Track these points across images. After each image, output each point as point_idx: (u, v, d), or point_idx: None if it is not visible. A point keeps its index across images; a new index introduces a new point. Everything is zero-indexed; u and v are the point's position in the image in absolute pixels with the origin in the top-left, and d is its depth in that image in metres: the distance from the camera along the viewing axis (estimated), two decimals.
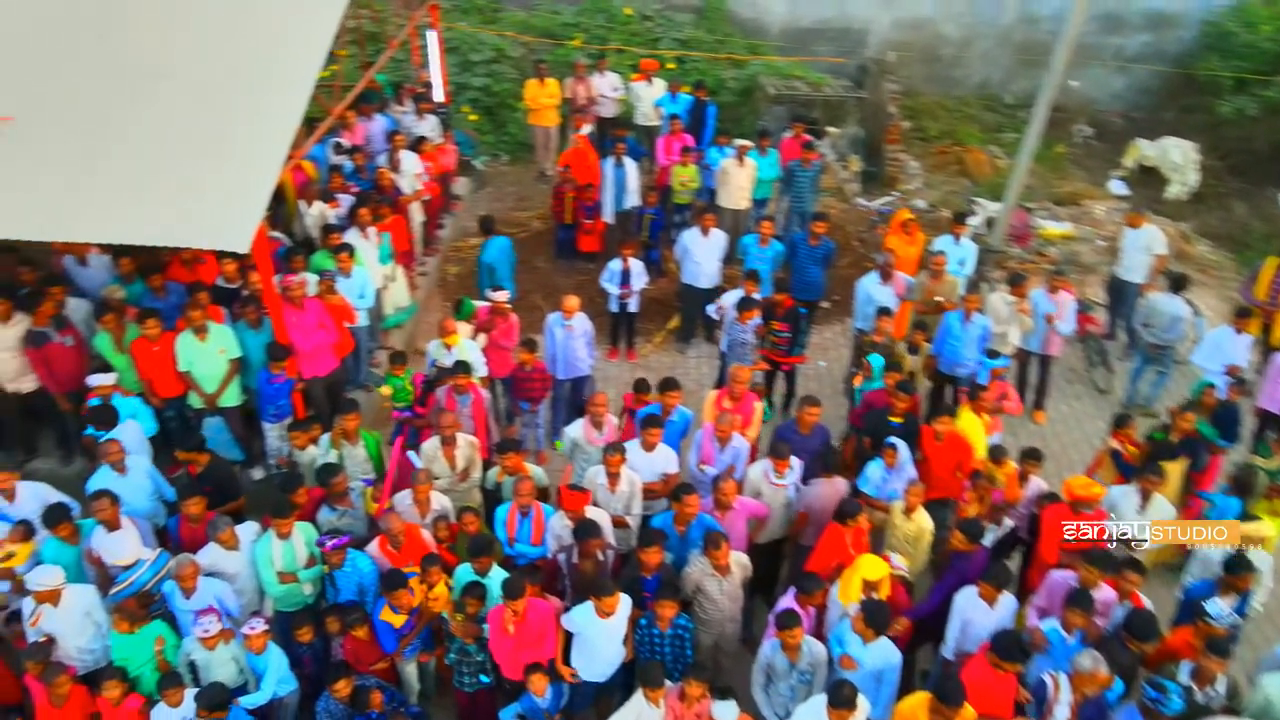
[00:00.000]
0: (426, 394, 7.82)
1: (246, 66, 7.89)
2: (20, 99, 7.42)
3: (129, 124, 7.37)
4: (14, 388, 7.82)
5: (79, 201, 6.90)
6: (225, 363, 7.71)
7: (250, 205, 6.88)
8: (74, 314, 7.92)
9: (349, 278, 8.48)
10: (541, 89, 12.84)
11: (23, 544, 6.37)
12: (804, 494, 7.21)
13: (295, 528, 6.45)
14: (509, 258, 10.16)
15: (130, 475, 6.93)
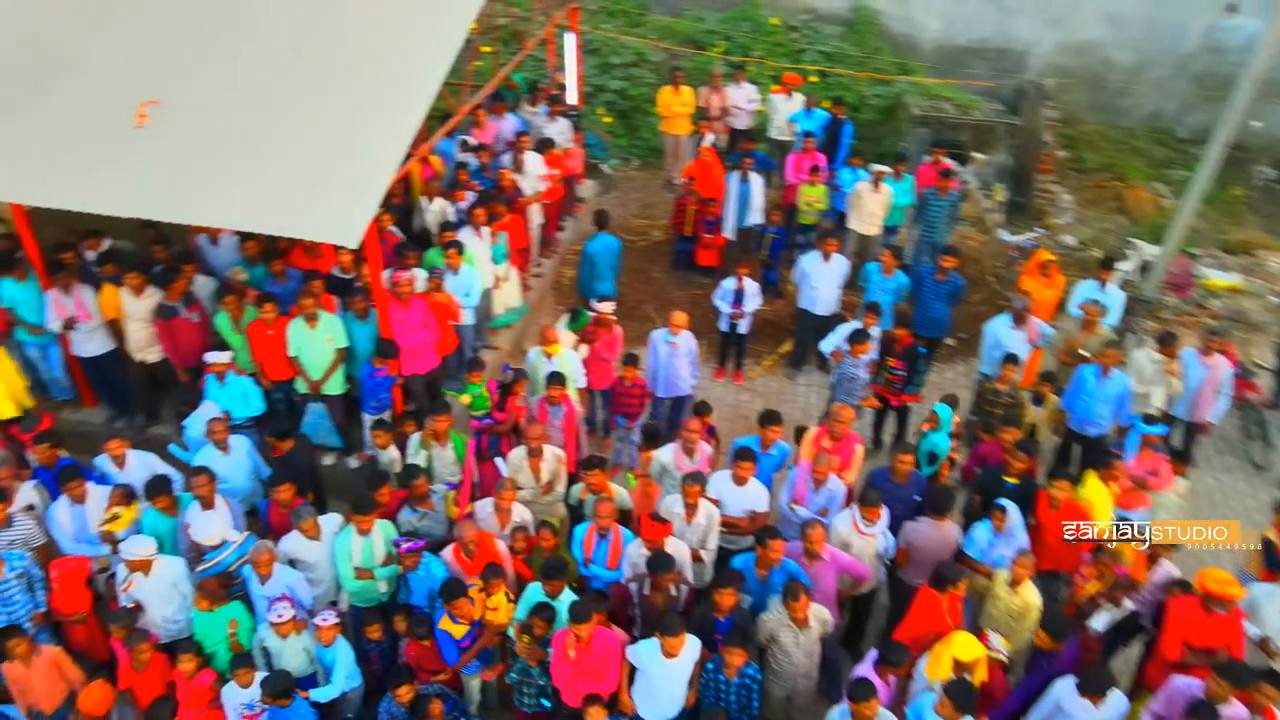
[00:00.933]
0: (503, 400, 7.72)
1: (378, 60, 7.99)
2: (169, 83, 7.75)
3: (263, 112, 7.58)
4: (141, 356, 8.21)
5: (208, 185, 7.14)
6: (332, 351, 7.86)
7: (364, 201, 6.95)
8: (201, 291, 8.26)
9: (457, 275, 8.49)
10: (675, 96, 12.64)
11: (126, 508, 6.64)
12: (908, 531, 6.79)
13: (375, 525, 6.47)
14: (613, 256, 10.06)
15: (232, 454, 7.14)
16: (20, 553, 6.42)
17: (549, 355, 8.16)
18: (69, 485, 6.55)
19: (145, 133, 7.46)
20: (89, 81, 7.84)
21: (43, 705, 6.20)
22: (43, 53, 8.01)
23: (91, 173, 7.27)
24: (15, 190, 7.27)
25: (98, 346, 8.20)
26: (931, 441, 7.89)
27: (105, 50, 8.09)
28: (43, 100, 7.66)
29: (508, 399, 7.71)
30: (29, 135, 7.47)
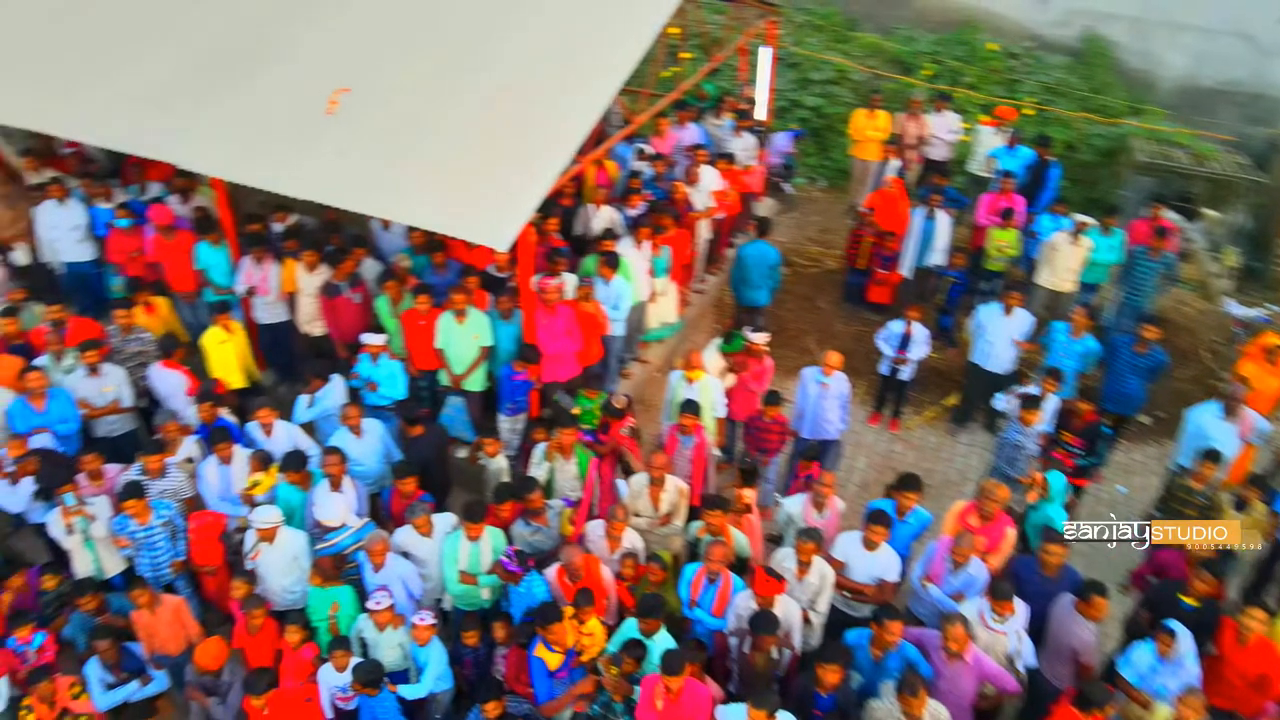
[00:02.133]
0: (606, 425, 7.46)
1: (559, 61, 7.97)
2: (361, 72, 8.06)
3: (439, 107, 7.72)
4: (307, 329, 8.63)
5: (378, 175, 7.34)
6: (476, 348, 7.93)
7: (519, 205, 6.92)
8: (367, 273, 8.56)
9: (607, 285, 8.36)
10: (869, 120, 12.00)
11: (265, 475, 6.94)
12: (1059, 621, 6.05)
13: (486, 532, 6.44)
14: (766, 266, 9.70)
15: (365, 438, 7.32)
16: (168, 503, 6.84)
17: (690, 380, 7.89)
18: (219, 446, 6.93)
19: (334, 120, 7.78)
20: (293, 67, 8.27)
21: (167, 650, 6.58)
22: (257, 37, 8.53)
23: (282, 154, 7.65)
24: (218, 165, 7.76)
25: (274, 315, 8.68)
26: (1044, 514, 7.03)
27: (311, 37, 8.51)
28: (251, 82, 8.15)
29: (611, 424, 7.45)
30: (236, 114, 7.96)
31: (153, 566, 6.83)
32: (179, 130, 7.90)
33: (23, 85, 8.48)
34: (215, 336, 8.07)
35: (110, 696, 6.39)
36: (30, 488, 7.02)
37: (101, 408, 7.71)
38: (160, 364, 7.90)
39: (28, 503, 7.07)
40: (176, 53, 8.50)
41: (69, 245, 9.27)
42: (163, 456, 6.96)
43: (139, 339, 8.02)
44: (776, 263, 9.83)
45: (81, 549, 6.75)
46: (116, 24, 8.87)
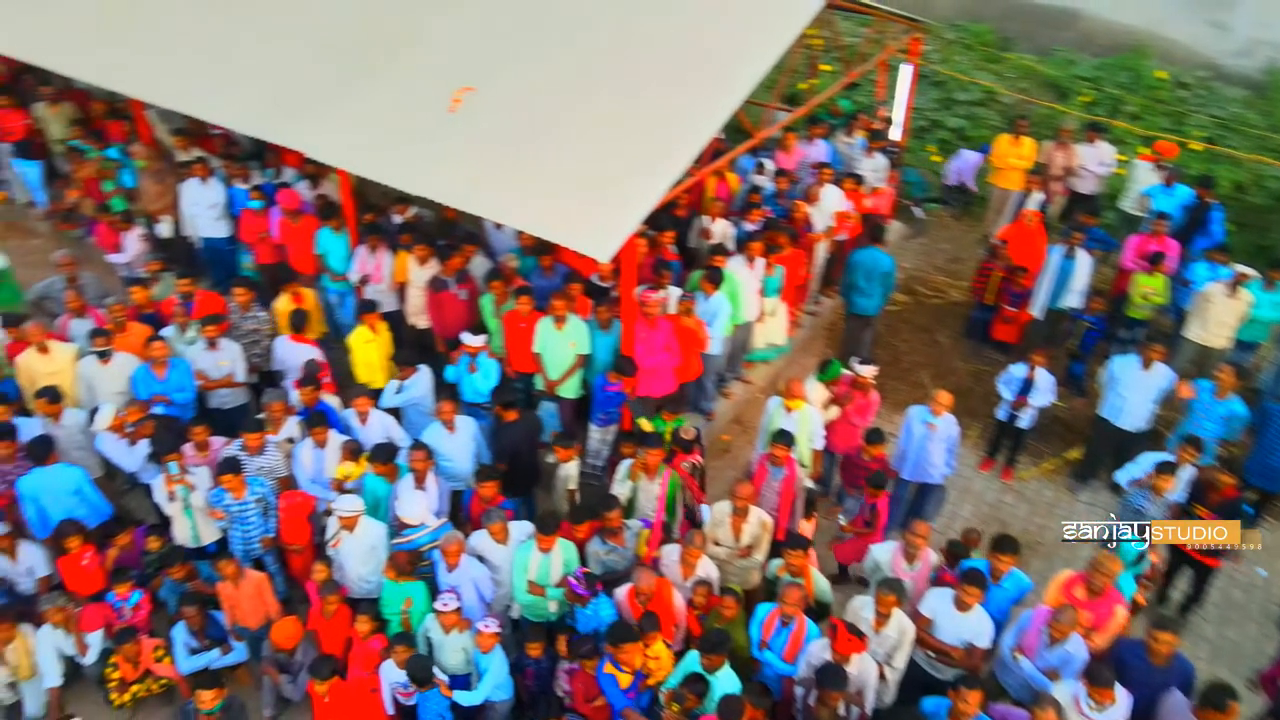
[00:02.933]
0: (670, 455, 7.17)
1: (684, 71, 7.82)
2: (487, 71, 8.13)
3: (557, 112, 7.70)
4: (414, 321, 8.78)
5: (491, 176, 7.39)
6: (573, 355, 7.86)
7: (626, 216, 6.80)
8: (476, 270, 8.63)
9: (707, 301, 8.15)
10: (1013, 147, 11.32)
11: (354, 464, 7.07)
12: None
13: (558, 545, 6.34)
14: (879, 273, 9.30)
15: (458, 435, 7.35)
16: (264, 480, 7.06)
17: (789, 409, 7.57)
18: (315, 430, 7.09)
19: (456, 117, 7.88)
20: (423, 62, 8.44)
21: (248, 623, 6.79)
22: (393, 30, 8.74)
23: (402, 150, 7.81)
24: (340, 156, 7.98)
25: (384, 304, 8.86)
26: None
27: (445, 32, 8.67)
28: (382, 75, 8.36)
29: (677, 455, 7.18)
30: (363, 106, 8.18)
31: (244, 540, 7.07)
32: (309, 119, 8.18)
33: (173, 69, 8.97)
34: (361, 336, 8.12)
35: (192, 661, 6.64)
36: (145, 449, 7.39)
37: (216, 380, 8.06)
38: (289, 337, 8.19)
39: (142, 463, 7.44)
40: (315, 42, 8.82)
41: (207, 222, 9.76)
42: (263, 434, 7.18)
43: (255, 317, 8.33)
44: (889, 270, 9.40)
45: (181, 515, 7.04)
46: (264, 11, 9.27)
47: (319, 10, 9.13)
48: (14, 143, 11.18)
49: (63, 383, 7.81)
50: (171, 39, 9.27)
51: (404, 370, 7.72)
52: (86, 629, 6.66)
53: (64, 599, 6.69)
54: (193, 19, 9.41)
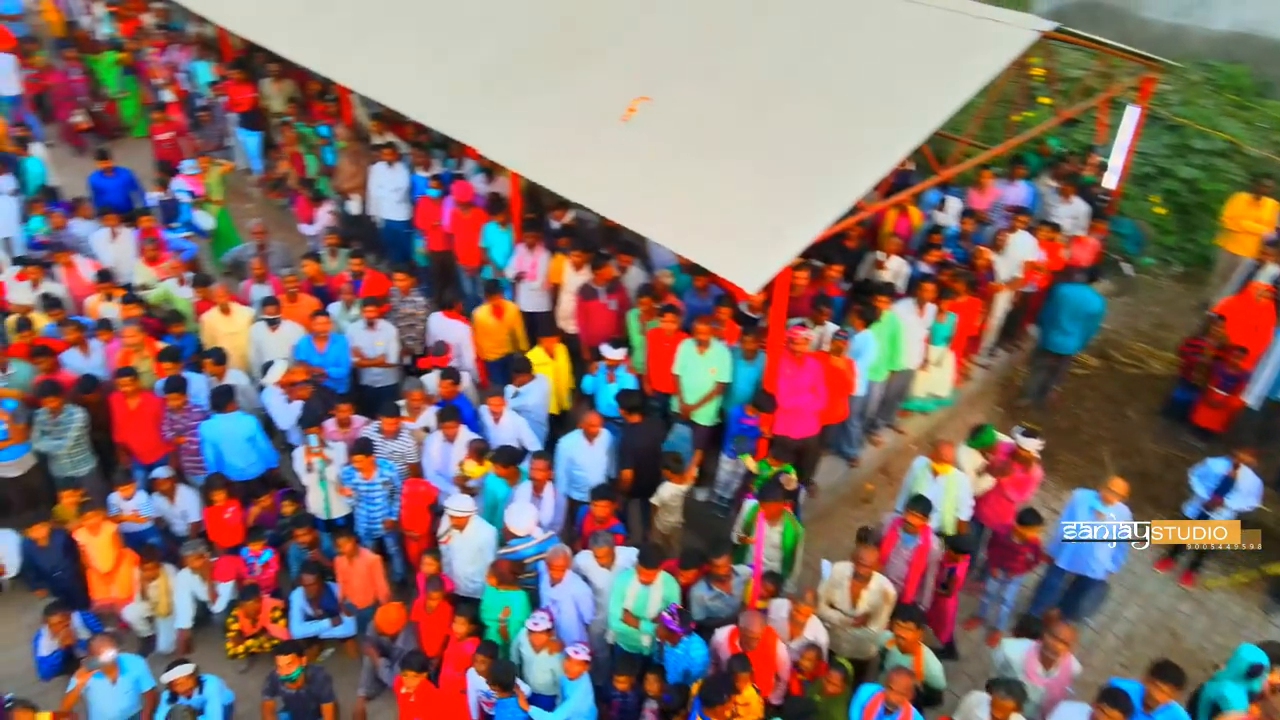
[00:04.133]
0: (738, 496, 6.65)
1: (867, 96, 7.34)
2: (665, 82, 7.96)
3: (730, 130, 7.41)
4: (563, 324, 8.77)
5: (651, 191, 7.21)
6: (712, 382, 7.57)
7: (781, 247, 6.42)
8: (630, 282, 8.50)
9: (852, 337, 7.64)
10: (1252, 208, 9.98)
11: (477, 463, 7.11)
12: None
13: (661, 579, 6.09)
14: (1085, 313, 8.60)
15: (595, 448, 7.21)
16: (393, 464, 7.23)
17: (935, 473, 6.96)
18: (446, 423, 7.19)
19: (627, 127, 7.77)
20: (605, 67, 8.38)
21: (356, 600, 6.98)
22: (584, 35, 8.74)
23: (571, 154, 7.78)
24: (508, 155, 8.06)
25: (534, 304, 8.93)
26: (1217, 691, 5.28)
27: (634, 41, 8.57)
28: (564, 78, 8.37)
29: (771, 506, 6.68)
30: (541, 107, 8.23)
31: (368, 519, 7.27)
32: (487, 116, 8.32)
33: (373, 58, 9.39)
34: (536, 357, 7.99)
35: (305, 628, 6.90)
36: (299, 411, 7.75)
37: (370, 359, 8.36)
38: (442, 312, 8.42)
39: (293, 423, 7.81)
40: (508, 43, 8.97)
41: (390, 204, 10.19)
42: (399, 420, 7.36)
43: (413, 302, 8.58)
44: (1097, 312, 8.60)
45: (316, 487, 7.34)
46: (465, 11, 9.54)
47: (518, 12, 9.27)
48: (241, 113, 12.15)
49: (238, 344, 8.37)
50: (375, 30, 9.72)
51: (520, 376, 7.71)
52: (219, 579, 7.07)
53: (204, 547, 7.12)
54: (396, 13, 9.82)
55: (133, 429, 7.56)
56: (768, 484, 6.62)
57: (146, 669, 6.50)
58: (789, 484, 6.77)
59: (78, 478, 7.62)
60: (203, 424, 7.50)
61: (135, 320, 8.14)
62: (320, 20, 10.20)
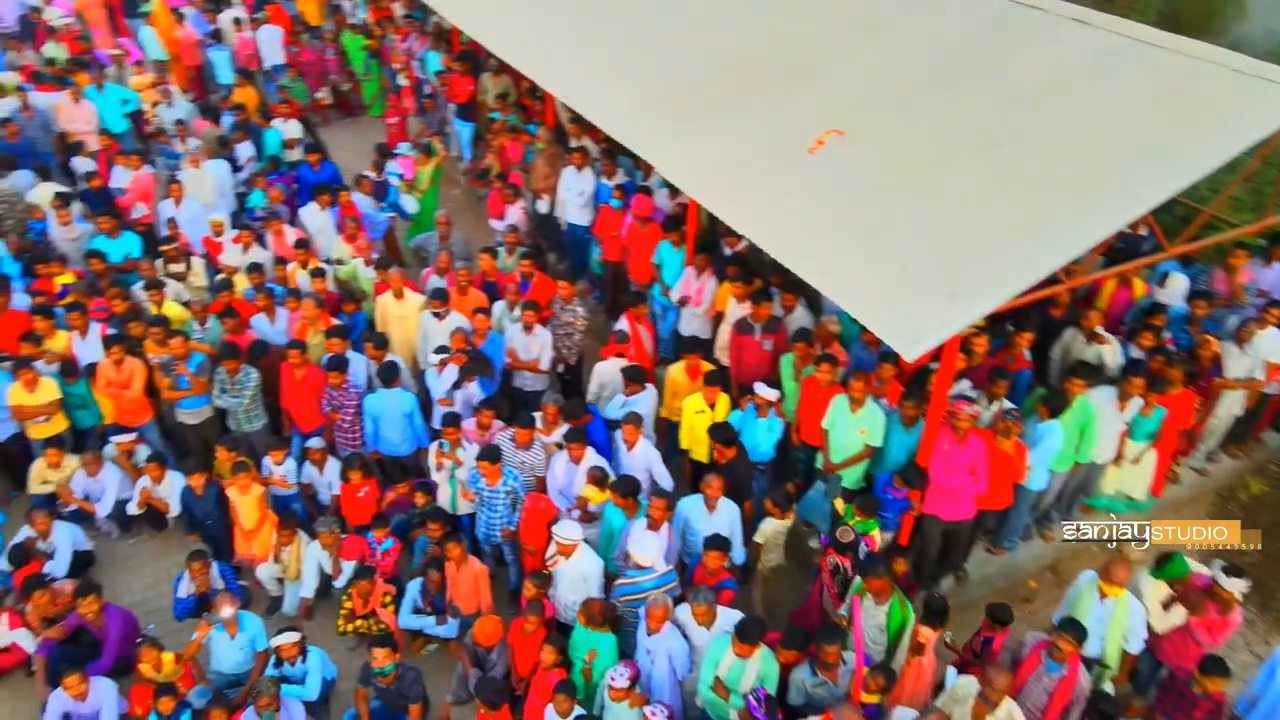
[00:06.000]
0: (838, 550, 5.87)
1: (1091, 154, 6.44)
2: (863, 116, 7.39)
3: (927, 174, 6.74)
4: (718, 355, 8.40)
5: (822, 231, 6.69)
6: (861, 444, 6.95)
7: (954, 310, 5.72)
8: (793, 323, 7.99)
9: (1036, 425, 6.73)
10: None
11: (597, 490, 6.92)
12: None
13: (760, 655, 5.63)
14: None
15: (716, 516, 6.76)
16: (519, 474, 7.18)
17: (1103, 594, 6.01)
18: (573, 445, 7.04)
19: (813, 160, 7.28)
20: (805, 96, 7.89)
21: (461, 605, 6.98)
22: (788, 61, 8.30)
23: (747, 181, 7.39)
24: (687, 176, 7.77)
25: (695, 329, 8.63)
26: None
27: (839, 71, 8.02)
28: (758, 102, 7.97)
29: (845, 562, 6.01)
30: (727, 130, 7.88)
31: (487, 525, 7.27)
32: (674, 133, 8.07)
33: (575, 62, 9.38)
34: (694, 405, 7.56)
35: (411, 619, 7.01)
36: (451, 378, 7.87)
37: (523, 361, 8.38)
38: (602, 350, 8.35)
39: (445, 391, 7.93)
40: (709, 61, 8.67)
41: (575, 208, 10.21)
42: (532, 432, 7.30)
43: (573, 311, 8.51)
44: None
45: (445, 483, 7.43)
46: (673, 25, 9.34)
47: (728, 31, 8.96)
48: (459, 104, 12.65)
49: (407, 328, 8.65)
50: (581, 36, 9.74)
51: (631, 386, 7.50)
52: (345, 556, 7.31)
53: (336, 524, 7.38)
54: (606, 21, 9.80)
55: (296, 398, 7.98)
56: (873, 556, 5.97)
57: (263, 630, 6.82)
58: (845, 536, 6.21)
59: (250, 433, 8.14)
60: (367, 397, 7.82)
61: (315, 294, 8.59)
62: (534, 21, 10.37)
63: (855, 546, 6.28)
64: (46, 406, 7.92)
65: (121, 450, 7.98)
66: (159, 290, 8.60)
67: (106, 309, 8.50)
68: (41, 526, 7.39)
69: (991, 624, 6.09)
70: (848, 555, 6.26)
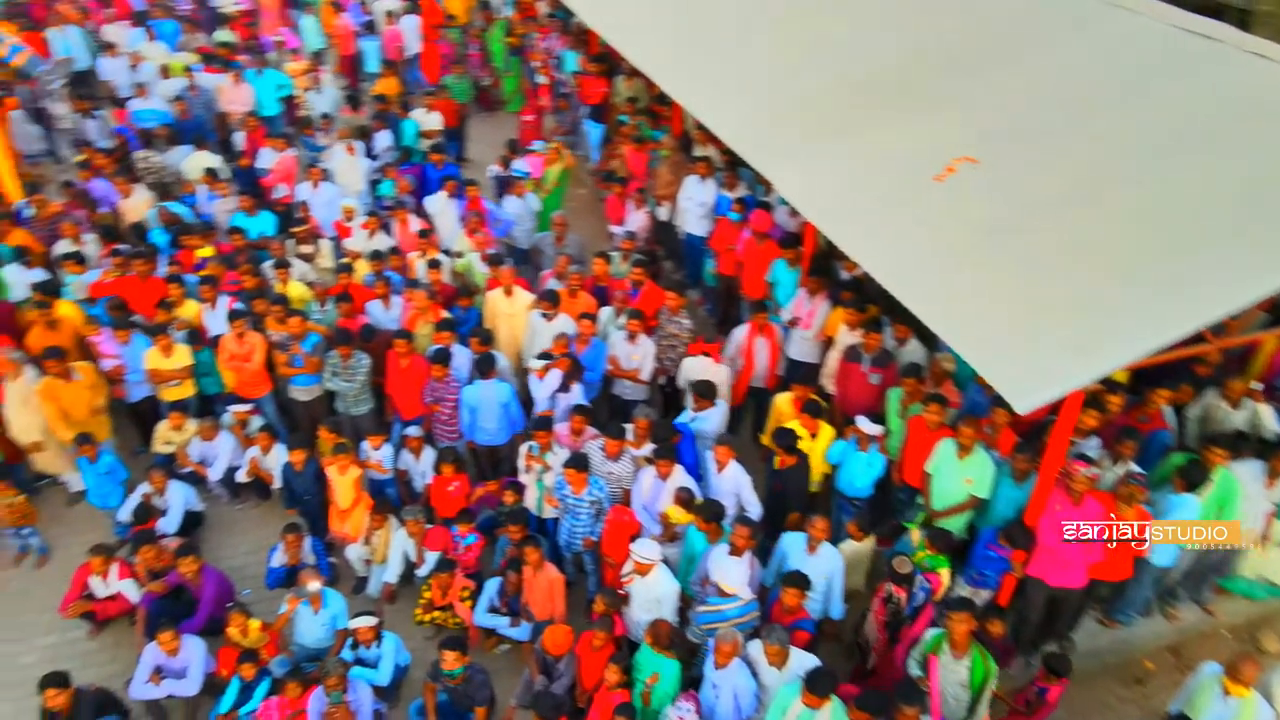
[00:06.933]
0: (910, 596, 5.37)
1: (1260, 202, 5.82)
2: (1000, 148, 6.92)
3: (1069, 209, 6.23)
4: (824, 382, 8.08)
5: (941, 266, 6.28)
6: (965, 494, 6.52)
7: (1078, 365, 5.25)
8: (907, 356, 7.59)
9: (1169, 497, 6.13)
10: None
11: (681, 511, 6.75)
12: None
13: (830, 707, 5.33)
14: None
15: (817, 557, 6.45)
16: (605, 485, 7.08)
17: (1226, 692, 5.42)
18: (660, 461, 6.89)
19: (940, 188, 6.86)
20: (938, 117, 7.48)
21: (535, 611, 6.95)
22: (918, 75, 7.90)
23: (866, 206, 7.05)
24: (804, 196, 7.47)
25: (803, 353, 8.31)
26: None
27: (977, 93, 7.57)
28: (886, 122, 7.61)
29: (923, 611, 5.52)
30: (851, 150, 7.55)
31: (569, 533, 7.21)
32: (795, 150, 7.80)
33: (703, 72, 9.21)
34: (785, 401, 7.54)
35: (486, 618, 7.02)
36: (552, 385, 7.86)
37: (624, 370, 8.28)
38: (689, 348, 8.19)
39: (549, 400, 7.91)
40: (836, 71, 8.36)
41: (694, 218, 10.06)
42: (623, 443, 7.19)
43: (679, 323, 8.34)
44: None
45: (532, 485, 7.42)
46: (802, 39, 9.05)
47: (857, 48, 8.60)
48: (591, 105, 12.71)
49: (515, 325, 8.71)
50: (711, 45, 9.56)
51: (701, 401, 7.38)
52: (429, 547, 7.40)
53: (423, 514, 7.49)
54: (738, 31, 9.58)
55: (400, 386, 8.15)
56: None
57: (345, 609, 6.97)
58: (901, 567, 5.91)
59: (355, 417, 8.37)
60: (464, 388, 7.91)
61: (427, 286, 8.75)
62: (666, 28, 10.26)
63: (912, 579, 5.95)
64: (179, 371, 8.37)
65: (237, 419, 8.36)
66: (285, 269, 8.96)
67: (238, 283, 8.91)
68: (158, 484, 7.82)
69: (1047, 674, 5.68)
70: (904, 587, 5.93)
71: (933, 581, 6.09)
